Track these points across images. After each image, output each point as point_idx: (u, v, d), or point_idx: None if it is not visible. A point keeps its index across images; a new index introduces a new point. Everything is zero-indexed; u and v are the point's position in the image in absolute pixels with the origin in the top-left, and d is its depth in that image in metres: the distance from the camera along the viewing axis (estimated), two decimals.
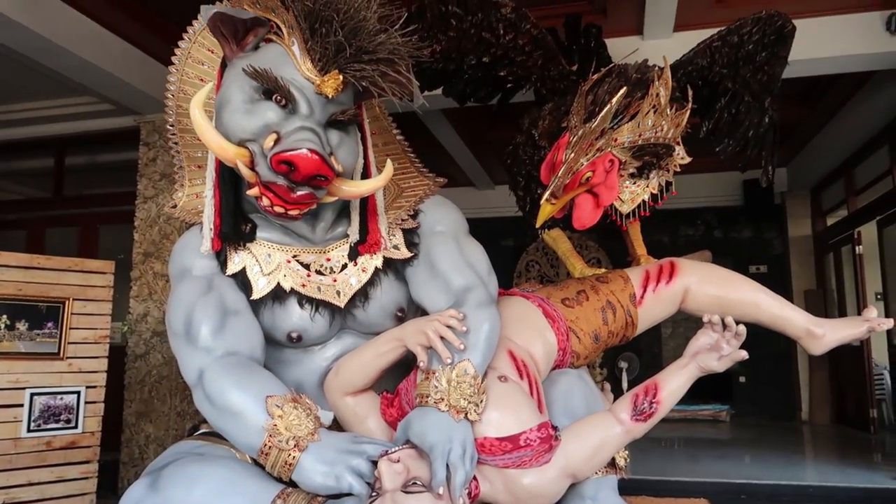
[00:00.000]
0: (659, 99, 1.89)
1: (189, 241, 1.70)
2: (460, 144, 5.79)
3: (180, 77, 1.73)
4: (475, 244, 1.79)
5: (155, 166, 4.61)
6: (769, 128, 2.56)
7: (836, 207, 6.66)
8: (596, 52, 2.68)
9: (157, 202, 4.56)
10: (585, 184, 1.90)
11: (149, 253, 4.51)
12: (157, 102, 4.29)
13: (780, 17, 2.32)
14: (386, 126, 1.94)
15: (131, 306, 4.48)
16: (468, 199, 7.16)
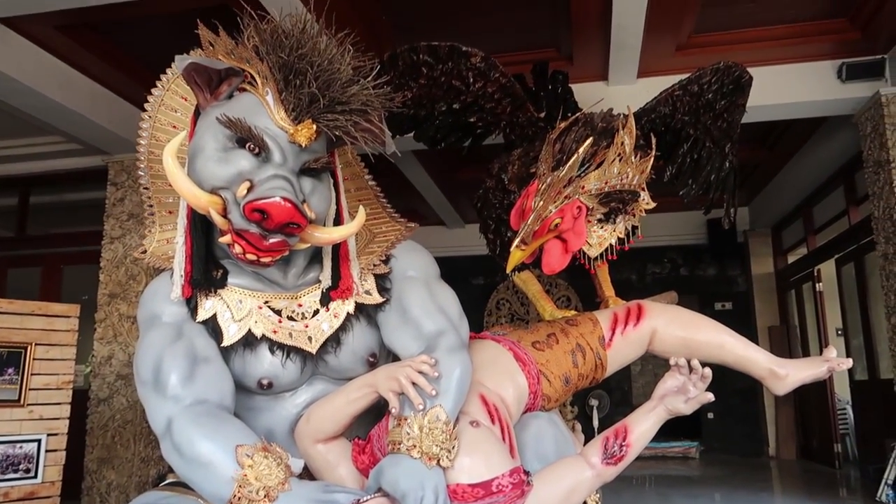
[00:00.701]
0: (624, 147, 1.95)
1: (159, 287, 1.68)
2: (430, 184, 5.85)
3: (153, 124, 1.74)
4: (446, 289, 1.80)
5: (122, 206, 4.56)
6: (730, 172, 2.65)
7: (796, 245, 6.85)
8: (563, 99, 2.75)
9: (124, 242, 4.50)
10: (554, 230, 1.93)
11: (114, 294, 4.44)
12: (125, 142, 4.26)
13: (738, 67, 2.42)
14: (358, 172, 1.96)
15: (95, 349, 4.38)
16: (438, 237, 7.21)
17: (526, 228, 1.86)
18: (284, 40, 1.49)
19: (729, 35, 3.82)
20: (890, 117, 3.91)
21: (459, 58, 2.27)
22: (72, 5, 3.23)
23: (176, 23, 3.41)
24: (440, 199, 6.38)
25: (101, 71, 3.95)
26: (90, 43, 3.73)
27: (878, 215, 4.08)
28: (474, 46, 2.32)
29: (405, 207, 6.51)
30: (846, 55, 3.94)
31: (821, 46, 3.89)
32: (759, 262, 7.26)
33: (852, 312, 5.65)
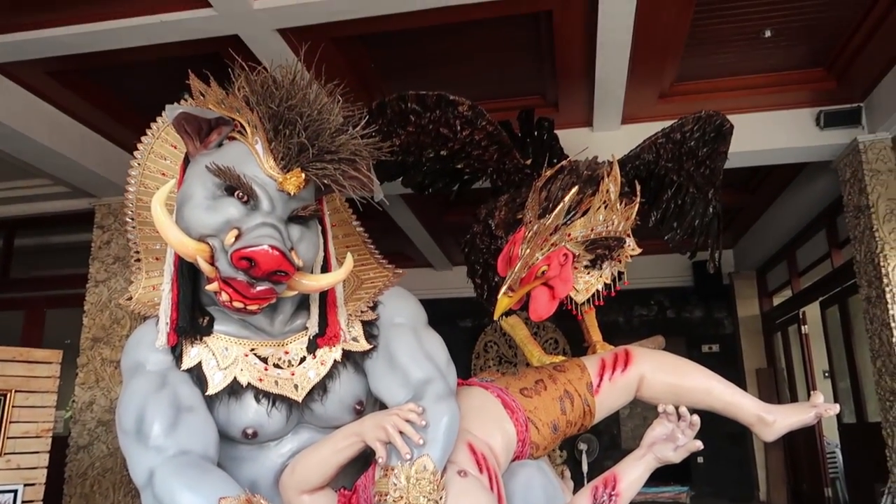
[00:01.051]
0: (609, 195, 1.98)
1: (143, 335, 1.67)
2: (418, 227, 5.87)
3: (142, 171, 1.75)
4: (434, 335, 1.80)
5: (109, 249, 4.54)
6: (714, 217, 2.69)
7: (781, 288, 6.90)
8: (549, 145, 2.79)
9: (109, 286, 4.46)
10: (541, 277, 1.95)
11: (97, 338, 4.38)
12: (113, 185, 4.27)
13: (719, 116, 2.47)
14: (346, 218, 1.97)
15: (76, 394, 4.30)
16: (426, 280, 7.20)
17: (513, 275, 1.87)
18: (275, 91, 1.51)
19: (710, 83, 3.92)
20: (868, 163, 4.00)
21: (447, 106, 2.31)
22: (64, 52, 3.27)
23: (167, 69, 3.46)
24: (428, 242, 6.40)
25: (90, 115, 3.97)
26: (80, 88, 3.76)
27: (860, 259, 4.14)
28: (461, 94, 2.36)
29: (393, 250, 6.52)
30: (824, 103, 4.04)
31: (799, 95, 4.00)
32: (745, 305, 7.29)
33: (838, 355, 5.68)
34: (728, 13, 3.27)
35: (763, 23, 3.37)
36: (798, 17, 3.33)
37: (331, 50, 3.26)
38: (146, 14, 3.03)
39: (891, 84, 3.72)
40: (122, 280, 4.41)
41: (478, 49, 3.51)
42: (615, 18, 3.08)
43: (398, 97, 2.35)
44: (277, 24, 3.07)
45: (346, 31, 3.21)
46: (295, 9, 2.97)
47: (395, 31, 3.23)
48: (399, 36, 3.31)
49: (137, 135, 1.79)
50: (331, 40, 3.24)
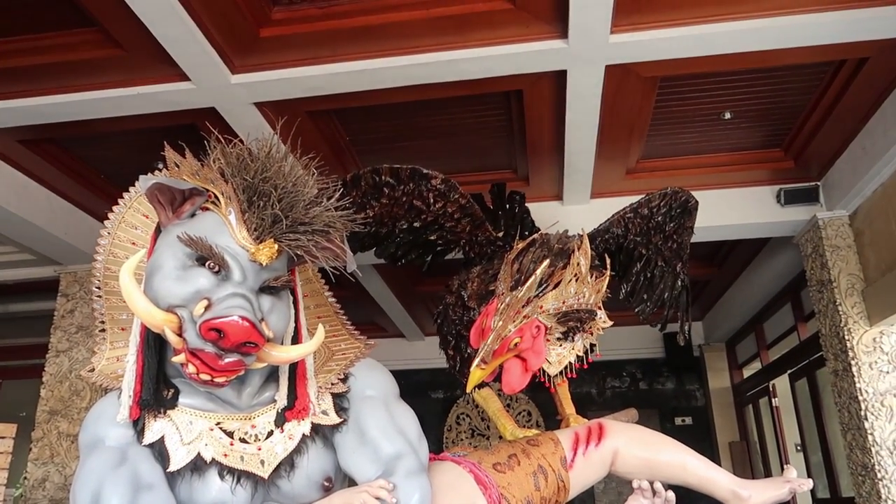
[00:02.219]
0: (580, 268, 2.01)
1: (105, 408, 1.61)
2: (390, 297, 5.85)
3: (112, 240, 1.73)
4: (406, 409, 1.77)
5: (72, 318, 4.43)
6: (682, 290, 2.74)
7: (750, 360, 6.96)
8: (520, 218, 2.84)
9: (70, 356, 4.34)
10: (514, 349, 1.95)
11: (55, 411, 4.22)
12: (80, 253, 4.20)
13: (684, 192, 2.55)
14: (318, 288, 1.96)
15: (29, 470, 4.10)
16: (398, 350, 7.13)
17: (486, 348, 1.87)
18: (250, 163, 1.53)
19: (674, 161, 4.05)
20: (828, 239, 4.12)
21: (420, 179, 2.35)
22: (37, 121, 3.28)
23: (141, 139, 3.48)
24: (400, 312, 6.37)
25: (61, 183, 3.94)
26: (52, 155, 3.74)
27: (826, 332, 4.21)
28: (434, 168, 2.42)
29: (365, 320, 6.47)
30: (783, 181, 4.20)
31: (760, 173, 4.15)
32: (716, 377, 7.32)
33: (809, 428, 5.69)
34: (689, 96, 3.42)
35: (722, 105, 3.53)
36: (755, 101, 3.50)
37: (306, 123, 3.32)
38: (123, 86, 3.07)
39: (844, 164, 3.89)
40: (84, 350, 4.29)
41: (451, 125, 3.61)
42: (583, 99, 3.20)
43: (372, 170, 2.39)
44: (254, 97, 3.13)
45: (321, 106, 3.28)
46: (272, 83, 3.04)
47: (370, 106, 3.32)
48: (373, 111, 3.40)
49: (108, 204, 1.78)
50: (306, 114, 3.30)
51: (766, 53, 2.96)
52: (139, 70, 2.99)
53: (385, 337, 7.12)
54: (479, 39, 2.87)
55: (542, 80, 3.13)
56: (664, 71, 3.11)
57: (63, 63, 2.95)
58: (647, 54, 2.93)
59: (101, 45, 2.86)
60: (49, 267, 4.58)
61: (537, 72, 3.04)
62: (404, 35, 2.84)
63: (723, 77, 3.25)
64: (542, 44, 2.86)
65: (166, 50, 2.78)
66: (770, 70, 3.20)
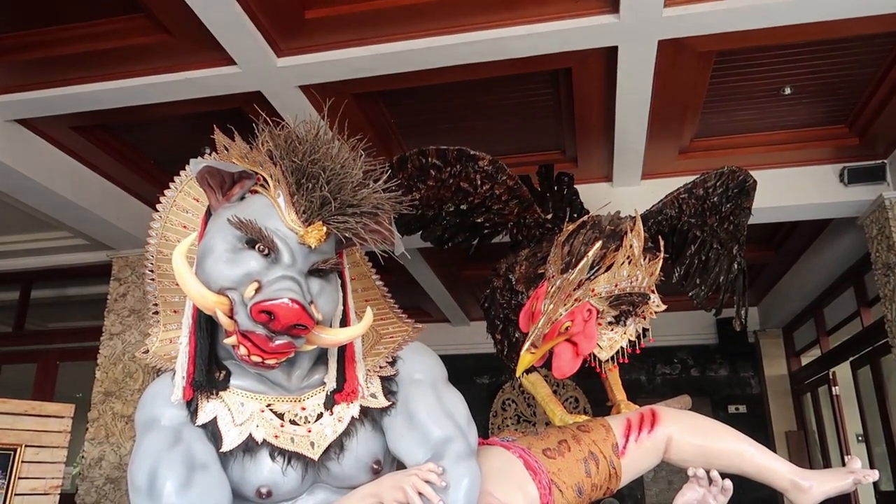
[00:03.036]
0: (633, 250, 1.98)
1: (160, 389, 1.66)
2: (436, 282, 5.88)
3: (164, 223, 1.77)
4: (454, 393, 1.78)
5: (125, 302, 4.58)
6: (738, 273, 2.68)
7: (809, 347, 6.77)
8: (569, 200, 2.81)
9: (124, 339, 4.48)
10: (564, 333, 1.94)
11: (109, 392, 4.38)
12: (132, 238, 4.34)
13: (742, 172, 2.49)
14: (365, 271, 1.98)
15: (85, 449, 4.27)
16: (443, 335, 7.17)
17: (536, 331, 1.86)
18: (298, 145, 1.54)
19: (730, 139, 3.95)
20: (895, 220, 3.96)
21: (467, 161, 2.35)
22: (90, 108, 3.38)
23: (189, 124, 3.56)
24: (445, 297, 6.39)
25: (112, 169, 4.07)
26: (104, 143, 3.86)
27: (892, 318, 4.06)
28: (481, 149, 2.41)
29: (410, 305, 6.52)
30: (847, 159, 4.04)
31: (822, 151, 4.01)
32: (772, 364, 7.15)
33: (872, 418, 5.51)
34: (747, 71, 3.32)
35: (783, 80, 3.41)
36: (818, 76, 3.37)
37: (352, 106, 3.34)
38: (172, 72, 3.13)
39: None
40: (136, 333, 4.43)
41: (498, 105, 3.58)
42: (634, 76, 3.14)
43: (418, 152, 2.39)
44: (300, 80, 3.16)
45: (366, 88, 3.29)
46: (317, 66, 3.06)
47: (415, 87, 3.31)
48: (419, 92, 3.40)
49: (158, 189, 1.83)
50: (352, 96, 3.32)
51: (830, 24, 2.85)
52: (187, 55, 3.04)
53: (430, 322, 7.16)
54: (527, 16, 2.83)
55: (592, 57, 3.08)
56: (720, 45, 3.02)
57: (113, 49, 3.02)
58: (703, 28, 2.85)
59: (150, 31, 2.92)
60: (102, 252, 4.74)
61: (587, 48, 2.98)
62: (450, 14, 2.82)
63: (783, 50, 3.14)
64: (591, 19, 2.80)
65: (213, 34, 2.82)
66: (833, 42, 3.08)
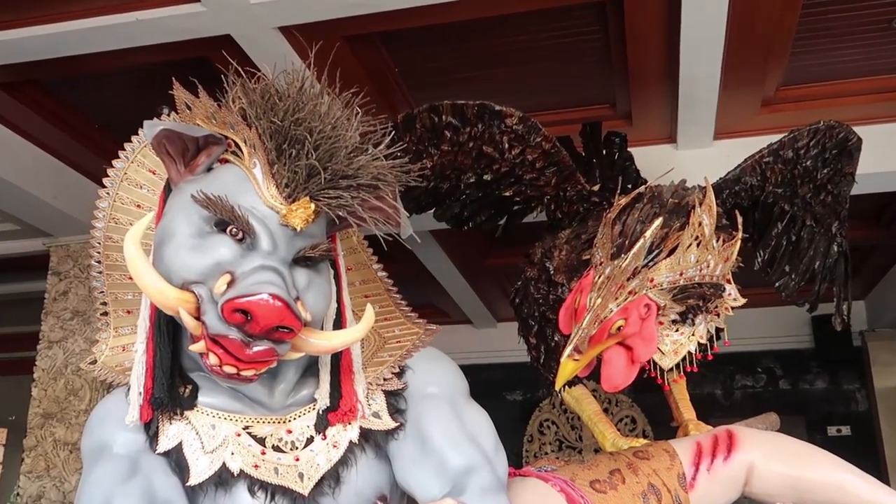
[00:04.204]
0: (702, 229, 1.98)
1: (110, 408, 1.69)
2: (453, 272, 5.88)
3: (113, 202, 1.79)
4: (478, 410, 1.79)
5: (66, 301, 4.62)
6: (839, 257, 2.67)
7: None
8: (621, 166, 2.81)
9: (66, 347, 4.54)
10: (616, 335, 1.95)
11: (49, 414, 4.44)
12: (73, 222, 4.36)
13: (842, 128, 2.47)
14: (364, 260, 1.99)
15: (21, 484, 4.34)
16: (463, 340, 7.17)
17: (580, 333, 1.87)
18: (278, 102, 1.55)
19: (827, 87, 3.89)
20: None
21: (492, 119, 2.34)
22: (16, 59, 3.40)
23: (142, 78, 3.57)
24: (466, 292, 6.40)
25: (47, 136, 4.09)
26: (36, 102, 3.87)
27: None
28: (508, 103, 2.41)
29: (421, 301, 6.53)
30: None
31: None
32: (884, 373, 7.09)
33: None
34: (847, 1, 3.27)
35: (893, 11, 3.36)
36: None
37: (345, 51, 3.33)
38: (119, 12, 3.14)
39: None
40: (81, 340, 4.48)
41: (529, 48, 3.56)
42: (703, 8, 3.10)
43: (430, 108, 2.40)
44: (279, 20, 3.16)
45: (363, 28, 3.28)
46: (300, 1, 3.06)
47: (424, 26, 3.30)
48: (429, 33, 3.38)
49: (105, 160, 1.85)
50: (344, 39, 3.31)
51: None
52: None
53: (447, 323, 7.18)
54: None
55: None
56: None
57: None
58: None
59: None
60: (36, 239, 4.78)
61: None
62: None
63: None
64: None
65: None
66: None
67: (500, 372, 7.06)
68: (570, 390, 2.39)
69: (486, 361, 6.96)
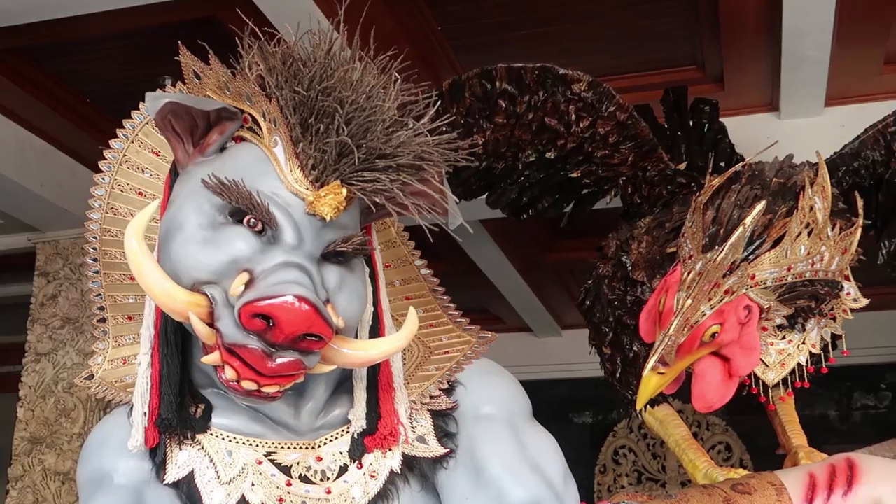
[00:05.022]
0: (814, 214, 1.96)
1: (110, 431, 1.71)
2: (509, 270, 5.88)
3: (110, 189, 1.81)
4: (543, 434, 1.79)
5: (55, 307, 4.69)
6: None
7: None
8: (713, 140, 2.79)
9: (56, 360, 4.61)
10: (710, 343, 1.94)
11: (38, 438, 4.52)
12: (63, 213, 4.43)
13: None
14: (405, 255, 1.99)
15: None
16: (522, 351, 7.18)
17: (666, 341, 1.86)
18: (302, 68, 1.55)
19: None
20: None
21: (556, 84, 2.34)
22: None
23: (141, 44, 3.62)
24: (524, 294, 6.39)
25: (32, 113, 4.16)
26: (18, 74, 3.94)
27: None
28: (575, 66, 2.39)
29: (472, 305, 6.53)
30: None
31: None
32: None
33: None
34: None
35: None
36: None
37: (379, 8, 3.34)
38: None
39: None
40: (73, 352, 4.55)
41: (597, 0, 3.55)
42: None
43: (481, 73, 2.39)
44: None
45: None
46: None
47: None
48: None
49: (100, 140, 1.87)
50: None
51: None
52: None
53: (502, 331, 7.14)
54: None
55: None
56: None
57: None
58: None
59: None
60: (20, 235, 4.86)
61: None
62: None
63: None
64: None
65: None
66: None
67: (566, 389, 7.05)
68: (652, 411, 2.38)
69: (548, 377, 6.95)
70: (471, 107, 2.40)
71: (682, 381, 2.01)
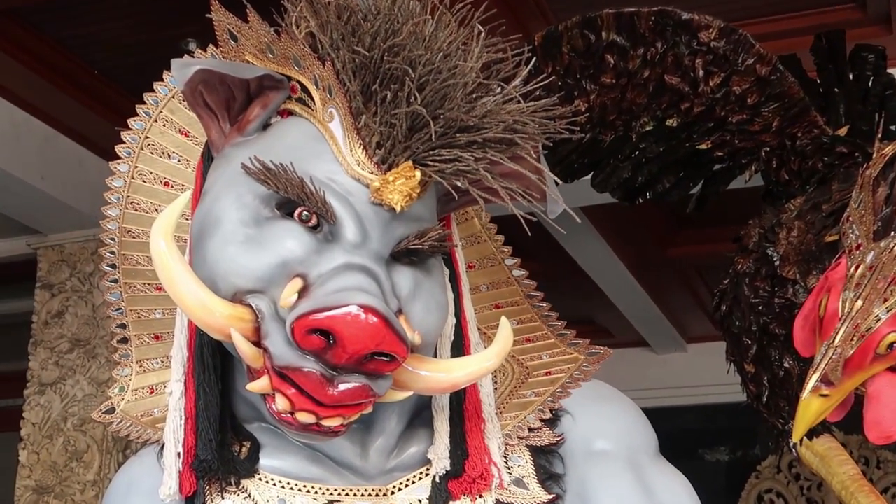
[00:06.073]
0: None
1: (136, 477, 1.74)
2: (620, 270, 5.85)
3: (130, 180, 1.84)
4: (672, 475, 1.79)
5: (61, 326, 4.76)
6: None
7: None
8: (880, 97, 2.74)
9: (63, 391, 4.67)
10: (887, 356, 1.91)
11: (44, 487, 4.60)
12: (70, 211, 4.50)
13: None
14: (493, 253, 1.98)
15: None
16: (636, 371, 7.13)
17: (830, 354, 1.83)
18: (362, 23, 1.56)
19: None
20: None
21: (677, 33, 2.33)
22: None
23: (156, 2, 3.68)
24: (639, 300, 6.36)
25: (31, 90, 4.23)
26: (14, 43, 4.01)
27: None
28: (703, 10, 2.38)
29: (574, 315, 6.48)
30: None
31: None
32: None
33: None
34: None
35: None
36: None
37: None
38: None
39: None
40: (85, 381, 4.61)
41: None
42: None
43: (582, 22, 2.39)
44: None
45: None
46: None
47: None
48: None
49: (115, 121, 1.90)
50: None
51: None
52: None
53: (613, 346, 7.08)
54: None
55: None
56: None
57: None
58: None
59: None
60: (19, 239, 4.96)
61: None
62: None
63: None
64: None
65: None
66: None
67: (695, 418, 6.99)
68: (811, 444, 2.34)
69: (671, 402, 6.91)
70: (570, 65, 2.39)
71: (850, 405, 1.98)
